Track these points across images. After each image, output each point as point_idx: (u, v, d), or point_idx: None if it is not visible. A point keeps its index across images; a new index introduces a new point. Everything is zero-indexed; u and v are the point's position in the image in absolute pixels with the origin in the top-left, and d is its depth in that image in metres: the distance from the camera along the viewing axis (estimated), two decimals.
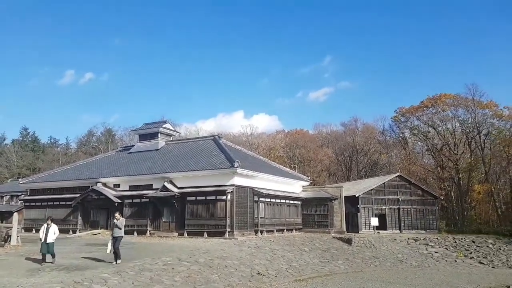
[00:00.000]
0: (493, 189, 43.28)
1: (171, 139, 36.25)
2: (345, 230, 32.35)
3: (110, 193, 29.42)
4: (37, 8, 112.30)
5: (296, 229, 31.19)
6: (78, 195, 30.51)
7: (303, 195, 32.84)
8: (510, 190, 43.92)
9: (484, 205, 42.66)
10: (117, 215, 14.91)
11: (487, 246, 29.62)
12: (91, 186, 30.09)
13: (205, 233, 25.29)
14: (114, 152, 40.01)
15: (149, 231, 27.77)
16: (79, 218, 31.01)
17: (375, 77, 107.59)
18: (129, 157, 34.34)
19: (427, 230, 35.79)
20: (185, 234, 25.96)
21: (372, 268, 21.49)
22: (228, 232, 24.71)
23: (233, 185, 25.34)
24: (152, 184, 28.60)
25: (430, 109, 49.79)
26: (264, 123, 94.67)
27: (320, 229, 31.79)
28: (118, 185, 30.55)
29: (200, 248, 18.70)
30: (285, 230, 29.73)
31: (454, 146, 48.10)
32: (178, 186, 27.33)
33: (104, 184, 30.46)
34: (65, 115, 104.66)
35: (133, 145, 38.16)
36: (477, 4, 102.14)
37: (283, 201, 29.98)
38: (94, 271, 12.28)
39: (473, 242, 30.48)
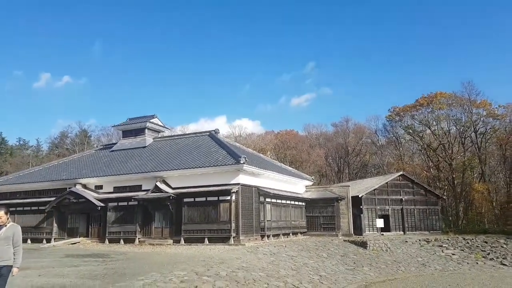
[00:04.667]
0: (489, 188, 42.40)
1: (159, 135, 32.68)
2: (352, 232, 29.94)
3: (91, 196, 25.60)
4: (10, 11, 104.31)
5: (301, 233, 28.48)
6: (53, 198, 26.44)
7: (307, 195, 30.19)
8: (507, 190, 43.15)
9: (485, 204, 41.56)
10: (1, 214, 6.40)
11: (501, 246, 27.95)
12: (69, 188, 26.14)
13: (206, 239, 22.06)
14: (93, 151, 35.86)
15: (139, 238, 24.19)
16: (55, 225, 26.89)
17: (365, 79, 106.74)
18: (112, 156, 30.52)
19: (431, 231, 34.13)
20: (182, 241, 22.60)
21: (402, 275, 19.08)
22: (234, 237, 21.59)
23: (238, 183, 22.28)
24: (141, 185, 25.10)
25: (425, 108, 48.66)
26: (247, 128, 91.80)
27: (326, 232, 29.24)
28: (101, 187, 26.75)
29: (211, 257, 15.55)
30: (290, 234, 26.95)
31: (449, 145, 47.13)
32: (173, 186, 23.99)
33: (84, 186, 26.60)
34: (39, 119, 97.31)
35: (115, 143, 34.26)
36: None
37: (288, 202, 27.19)
38: None
39: (486, 242, 28.77)
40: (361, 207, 32.61)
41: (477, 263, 24.53)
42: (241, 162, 21.66)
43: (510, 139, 42.39)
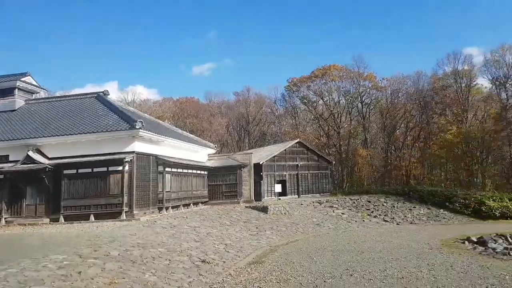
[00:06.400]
0: (371, 154, 47.30)
1: (33, 97, 27.36)
2: (253, 199, 30.09)
3: None
4: None
5: (202, 202, 27.36)
6: None
7: (210, 164, 29.01)
8: (385, 155, 48.66)
9: (367, 167, 46.21)
10: None
11: (382, 205, 31.26)
12: None
13: (92, 216, 19.17)
14: None
15: (5, 218, 20.02)
16: None
17: (262, 50, 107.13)
18: None
19: (321, 194, 36.70)
20: (61, 219, 19.26)
21: (302, 236, 19.56)
22: (126, 212, 19.25)
23: (133, 152, 19.78)
24: (8, 155, 20.81)
25: (320, 79, 51.16)
26: (142, 94, 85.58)
27: (228, 200, 28.72)
28: None
29: (99, 236, 13.34)
30: (191, 204, 25.61)
31: (338, 115, 50.85)
32: (50, 156, 20.34)
33: None
34: None
35: None
36: None
37: (190, 171, 25.60)
38: None
39: (369, 201, 31.85)
40: (261, 173, 33.16)
41: (363, 220, 26.79)
42: (137, 127, 19.17)
43: (390, 109, 47.48)
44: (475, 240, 15.40)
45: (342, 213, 28.47)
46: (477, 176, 41.58)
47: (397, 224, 26.27)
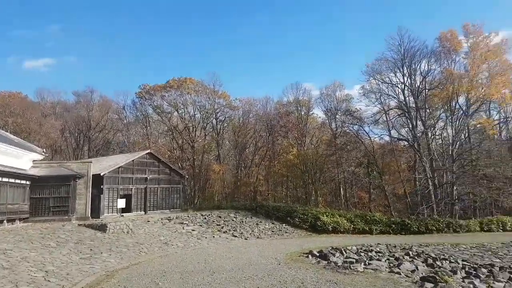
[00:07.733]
0: (223, 170, 48.02)
1: None
2: (89, 215, 26.00)
3: None
4: None
5: (21, 219, 22.01)
6: None
7: (34, 172, 23.73)
8: (236, 172, 50.14)
9: (219, 183, 46.46)
10: None
11: (232, 220, 31.46)
12: None
13: None
14: None
15: None
16: None
17: (112, 52, 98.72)
18: None
19: (171, 209, 35.13)
20: None
21: (147, 257, 17.27)
22: None
23: None
24: None
25: (175, 90, 49.76)
26: None
27: (56, 216, 24.01)
28: None
29: None
30: (5, 221, 20.21)
31: (193, 129, 50.27)
32: None
33: None
34: None
35: None
36: None
37: (5, 179, 20.24)
38: None
39: (220, 217, 31.68)
40: (102, 186, 29.21)
41: (213, 237, 26.04)
42: None
43: (241, 128, 49.41)
44: (317, 254, 16.19)
45: (193, 230, 27.24)
46: (312, 194, 46.58)
47: (245, 239, 26.44)
